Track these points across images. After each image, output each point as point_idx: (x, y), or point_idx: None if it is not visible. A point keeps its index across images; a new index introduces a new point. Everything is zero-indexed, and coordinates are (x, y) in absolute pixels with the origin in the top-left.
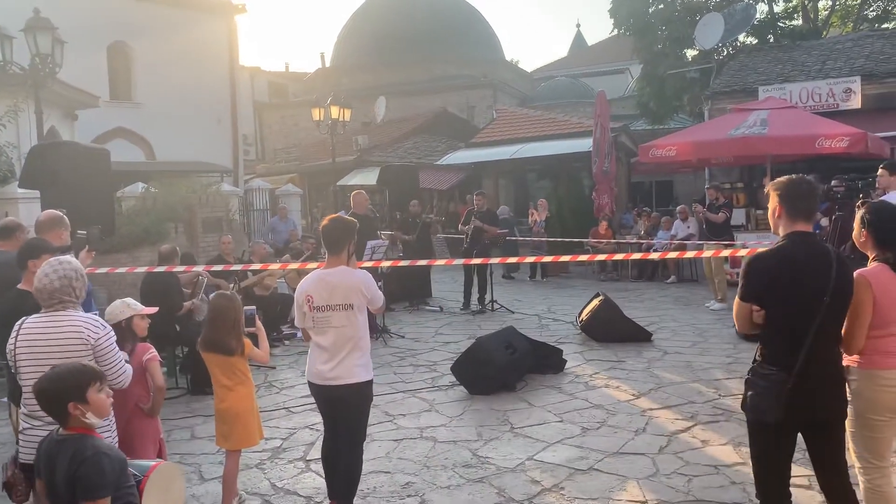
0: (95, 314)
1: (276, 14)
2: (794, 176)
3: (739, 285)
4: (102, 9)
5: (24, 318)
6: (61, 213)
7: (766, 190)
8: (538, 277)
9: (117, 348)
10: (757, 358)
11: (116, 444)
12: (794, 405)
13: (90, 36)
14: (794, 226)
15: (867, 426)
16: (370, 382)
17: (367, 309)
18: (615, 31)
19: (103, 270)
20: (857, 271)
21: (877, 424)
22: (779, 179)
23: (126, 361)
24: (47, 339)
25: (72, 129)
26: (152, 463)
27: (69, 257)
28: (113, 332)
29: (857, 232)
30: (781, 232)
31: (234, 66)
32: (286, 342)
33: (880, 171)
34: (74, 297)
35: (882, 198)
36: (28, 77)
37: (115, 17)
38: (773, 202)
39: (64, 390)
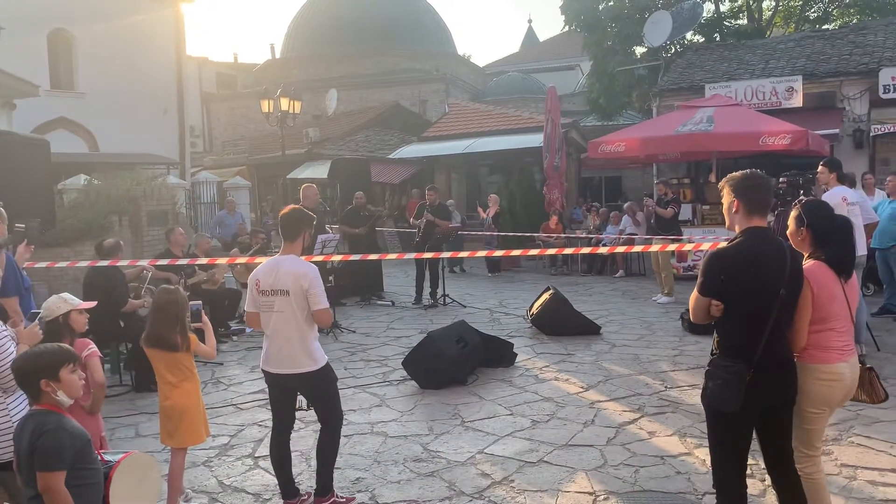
0: (33, 311)
1: (225, 3)
2: (748, 171)
3: (699, 280)
4: None
5: None
6: None
7: (719, 185)
8: (489, 273)
9: (10, 349)
10: (715, 350)
11: None
12: (751, 395)
13: (29, 22)
14: (751, 221)
15: (803, 418)
16: (321, 370)
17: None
18: (566, 28)
19: (43, 265)
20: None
21: (811, 416)
22: (733, 175)
23: None
24: None
25: (9, 118)
26: (122, 454)
27: None
28: (5, 332)
29: (794, 230)
30: (738, 227)
31: (180, 55)
32: (234, 338)
33: (820, 168)
34: None
35: (824, 195)
36: None
37: (55, 3)
38: (727, 198)
39: (39, 367)
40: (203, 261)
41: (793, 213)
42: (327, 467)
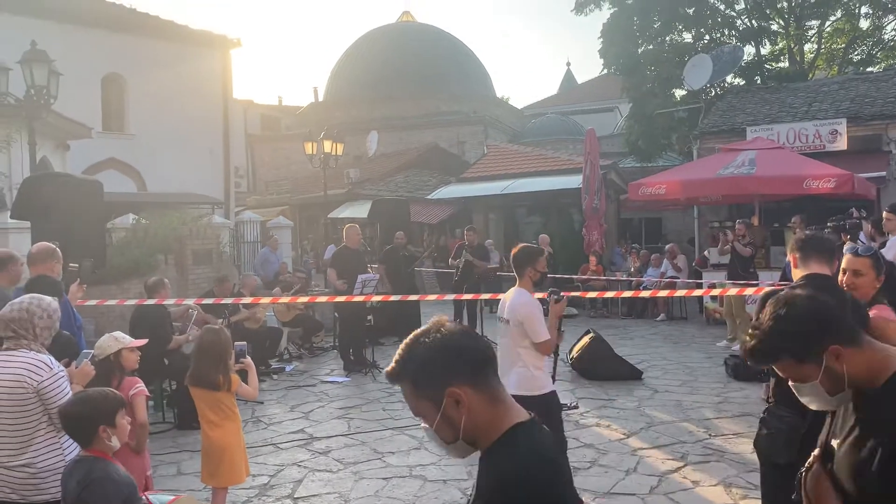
0: (85, 351)
1: (271, 48)
2: (812, 232)
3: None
4: (98, 41)
5: None
6: (54, 246)
7: (794, 239)
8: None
9: (66, 389)
10: (771, 398)
11: None
12: (806, 448)
13: (85, 68)
14: (808, 267)
15: None
16: (542, 397)
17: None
18: (605, 71)
19: (92, 303)
20: (873, 313)
21: None
22: (800, 234)
23: None
24: None
25: (63, 159)
26: (171, 497)
27: (49, 298)
28: (62, 372)
29: (872, 278)
30: (797, 275)
31: (227, 98)
32: (274, 376)
33: (886, 214)
34: (32, 335)
35: (891, 242)
36: (23, 108)
37: (110, 50)
38: (790, 255)
39: (99, 413)
40: (247, 300)
41: (866, 262)
42: None
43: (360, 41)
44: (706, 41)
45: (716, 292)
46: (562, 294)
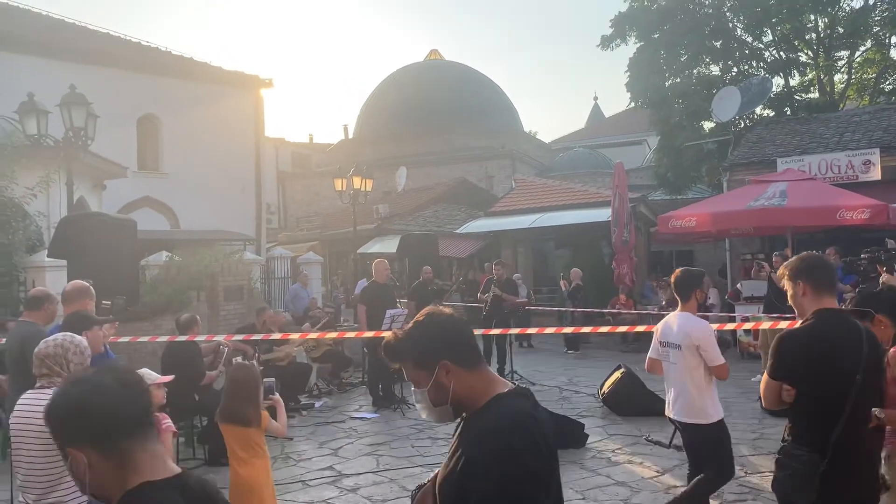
0: None
1: (302, 87)
2: (803, 254)
3: (769, 362)
4: (135, 83)
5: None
6: (88, 284)
7: (777, 275)
8: (567, 349)
9: None
10: (787, 437)
11: None
12: (825, 488)
13: (122, 109)
14: (821, 302)
15: None
16: (712, 425)
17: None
18: (632, 104)
19: (125, 339)
20: (893, 350)
21: None
22: (788, 262)
23: None
24: (30, 418)
25: (100, 198)
26: None
27: (81, 336)
28: None
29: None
30: (808, 310)
31: (259, 137)
32: (304, 412)
33: None
34: (66, 371)
35: None
36: (61, 150)
37: (146, 91)
38: (791, 286)
39: None
40: (276, 336)
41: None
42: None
43: (389, 79)
44: (734, 73)
45: (748, 326)
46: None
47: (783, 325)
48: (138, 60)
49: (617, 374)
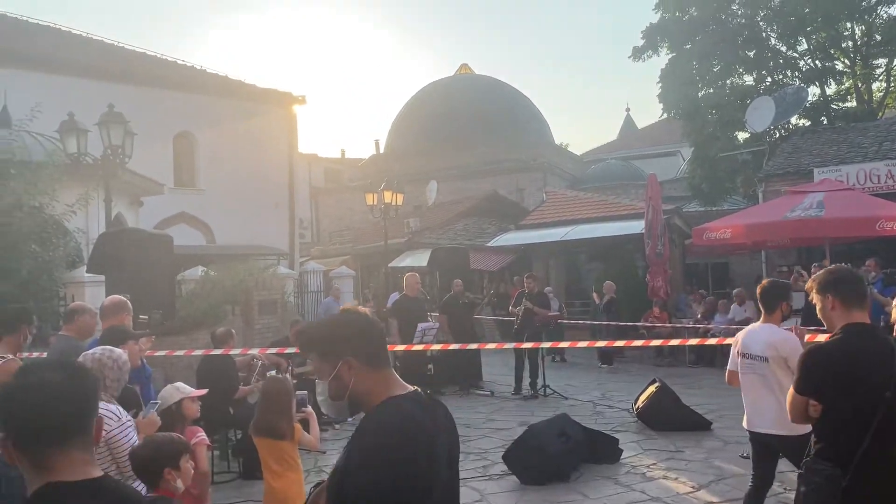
0: (153, 402)
1: (334, 103)
2: (831, 267)
3: (795, 377)
4: (171, 101)
5: None
6: (125, 299)
7: (806, 288)
8: (600, 364)
9: (133, 438)
10: (811, 452)
11: None
12: (848, 502)
13: (158, 127)
14: (851, 316)
15: None
16: (799, 437)
17: None
18: (664, 115)
19: (162, 353)
20: None
21: None
22: (816, 276)
23: None
24: None
25: (137, 214)
26: None
27: (120, 351)
28: (129, 422)
29: None
30: (837, 324)
31: (292, 153)
32: (336, 426)
33: None
34: (103, 385)
35: None
36: (100, 167)
37: (182, 109)
38: (820, 300)
39: (164, 456)
40: None
41: None
42: None
43: (420, 94)
44: (768, 83)
45: None
46: None
47: (821, 338)
48: (174, 79)
49: (652, 389)
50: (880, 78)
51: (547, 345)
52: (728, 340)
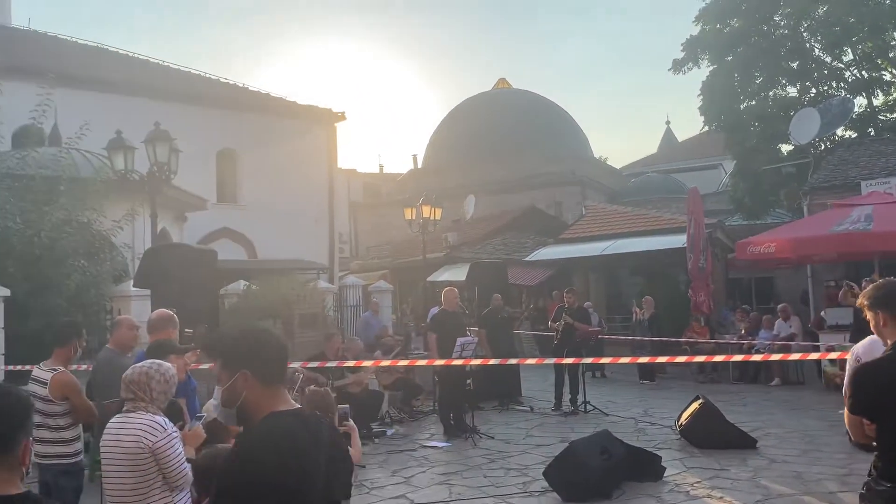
0: (199, 415)
1: (373, 119)
2: (880, 282)
3: (847, 397)
4: (215, 119)
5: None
6: (171, 313)
7: (857, 304)
8: (640, 380)
9: (179, 449)
10: (872, 471)
11: None
12: None
13: (202, 144)
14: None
15: None
16: None
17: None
18: (706, 128)
19: (206, 366)
20: None
21: None
22: (865, 291)
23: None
24: (116, 441)
25: (181, 230)
26: None
27: (168, 364)
28: (175, 434)
29: None
30: (889, 340)
31: (332, 169)
32: (376, 440)
33: None
34: (149, 397)
35: None
36: (146, 184)
37: (225, 126)
38: (872, 316)
39: (214, 468)
40: (350, 363)
41: None
42: None
43: (458, 109)
44: (812, 94)
45: (833, 355)
46: None
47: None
48: (218, 97)
49: (695, 405)
50: None
51: (587, 360)
52: (774, 357)
